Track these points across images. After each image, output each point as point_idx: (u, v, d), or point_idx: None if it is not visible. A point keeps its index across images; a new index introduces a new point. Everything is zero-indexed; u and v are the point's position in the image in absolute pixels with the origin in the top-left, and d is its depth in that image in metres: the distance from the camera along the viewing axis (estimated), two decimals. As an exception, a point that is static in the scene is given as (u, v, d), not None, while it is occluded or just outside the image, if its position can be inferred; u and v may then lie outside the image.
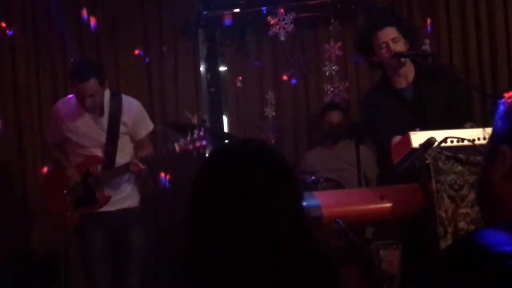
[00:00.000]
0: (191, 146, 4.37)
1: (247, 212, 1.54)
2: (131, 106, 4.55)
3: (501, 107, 1.41)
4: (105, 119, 4.46)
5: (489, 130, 1.47)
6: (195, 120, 4.87)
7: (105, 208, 4.49)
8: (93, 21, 5.67)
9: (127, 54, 5.70)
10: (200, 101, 5.76)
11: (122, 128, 4.48)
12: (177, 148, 4.37)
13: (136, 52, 5.70)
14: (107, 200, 4.48)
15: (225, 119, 5.96)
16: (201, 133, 4.42)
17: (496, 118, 1.43)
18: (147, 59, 5.72)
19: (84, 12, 5.64)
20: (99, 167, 4.46)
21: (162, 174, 5.57)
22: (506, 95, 1.42)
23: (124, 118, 4.47)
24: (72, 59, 5.60)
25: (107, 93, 4.46)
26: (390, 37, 4.02)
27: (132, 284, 4.58)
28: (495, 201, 1.39)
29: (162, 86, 5.74)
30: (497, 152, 1.39)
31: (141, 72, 5.71)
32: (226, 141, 4.97)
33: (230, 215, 1.55)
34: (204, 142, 4.41)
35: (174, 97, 5.71)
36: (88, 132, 4.47)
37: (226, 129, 5.87)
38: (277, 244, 1.54)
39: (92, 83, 4.25)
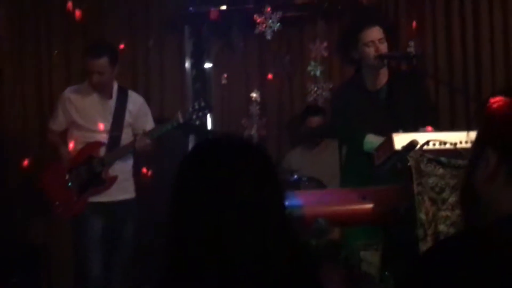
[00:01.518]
0: (194, 116, 4.52)
1: (229, 209, 1.52)
2: (137, 98, 4.77)
3: (487, 111, 1.43)
4: (112, 104, 4.58)
5: (473, 134, 1.49)
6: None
7: (107, 199, 4.53)
8: (78, 14, 5.63)
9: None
10: (185, 97, 5.75)
11: (127, 117, 4.59)
12: (180, 118, 4.46)
13: (122, 46, 5.66)
14: (113, 180, 4.53)
15: (209, 116, 5.95)
16: (203, 103, 4.55)
17: (481, 121, 1.45)
18: (133, 54, 5.71)
19: (70, 5, 5.60)
20: (102, 150, 4.52)
21: (144, 170, 5.56)
22: (492, 100, 1.43)
23: (130, 106, 4.62)
24: (56, 51, 5.59)
25: (115, 84, 4.62)
26: (378, 37, 4.03)
27: (115, 272, 4.62)
28: (479, 203, 1.40)
29: (148, 81, 5.73)
30: (481, 155, 1.41)
31: (127, 67, 5.68)
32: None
33: (212, 211, 1.52)
34: (206, 111, 4.58)
35: (159, 92, 5.70)
36: (95, 114, 4.57)
37: (209, 126, 5.86)
38: (260, 241, 1.52)
39: (103, 61, 4.44)
